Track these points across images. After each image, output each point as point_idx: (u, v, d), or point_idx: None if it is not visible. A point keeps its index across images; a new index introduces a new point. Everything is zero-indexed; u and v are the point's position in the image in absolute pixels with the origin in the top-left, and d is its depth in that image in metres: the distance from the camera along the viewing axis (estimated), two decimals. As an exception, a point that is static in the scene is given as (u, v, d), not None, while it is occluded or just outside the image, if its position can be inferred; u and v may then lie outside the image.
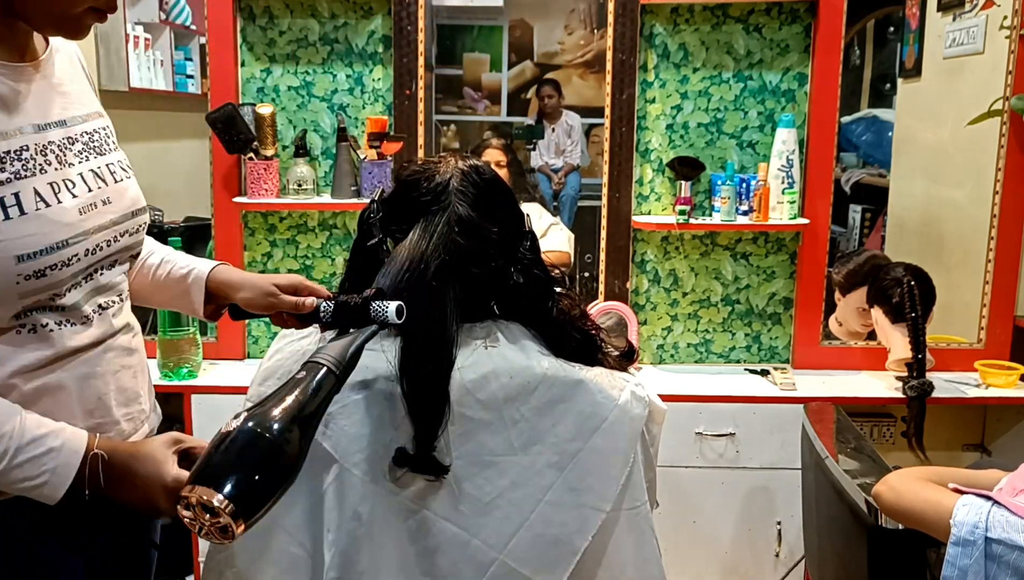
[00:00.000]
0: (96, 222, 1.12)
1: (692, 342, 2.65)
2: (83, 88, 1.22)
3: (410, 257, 1.11)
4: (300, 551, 1.13)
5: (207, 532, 0.89)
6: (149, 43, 3.11)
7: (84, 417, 1.14)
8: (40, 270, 1.04)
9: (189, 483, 0.89)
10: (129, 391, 1.22)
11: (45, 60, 1.14)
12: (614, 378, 1.18)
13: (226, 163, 2.46)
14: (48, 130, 1.10)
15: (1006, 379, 2.42)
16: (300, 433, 0.93)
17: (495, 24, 2.61)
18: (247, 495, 0.88)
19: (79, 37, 1.11)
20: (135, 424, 1.24)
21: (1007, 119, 2.44)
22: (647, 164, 2.54)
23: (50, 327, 1.09)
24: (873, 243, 3.17)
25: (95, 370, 1.16)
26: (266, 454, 0.90)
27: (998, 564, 1.19)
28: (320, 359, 1.00)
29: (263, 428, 0.91)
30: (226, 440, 0.90)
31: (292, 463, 0.93)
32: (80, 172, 1.12)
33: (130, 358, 1.23)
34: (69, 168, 1.11)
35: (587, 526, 1.11)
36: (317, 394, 0.97)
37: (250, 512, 0.89)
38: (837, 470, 1.71)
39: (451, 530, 1.09)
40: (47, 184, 1.06)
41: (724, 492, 2.39)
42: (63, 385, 1.12)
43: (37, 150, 1.07)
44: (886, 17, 3.28)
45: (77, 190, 1.10)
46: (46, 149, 1.08)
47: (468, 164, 1.17)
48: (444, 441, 1.08)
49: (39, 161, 1.07)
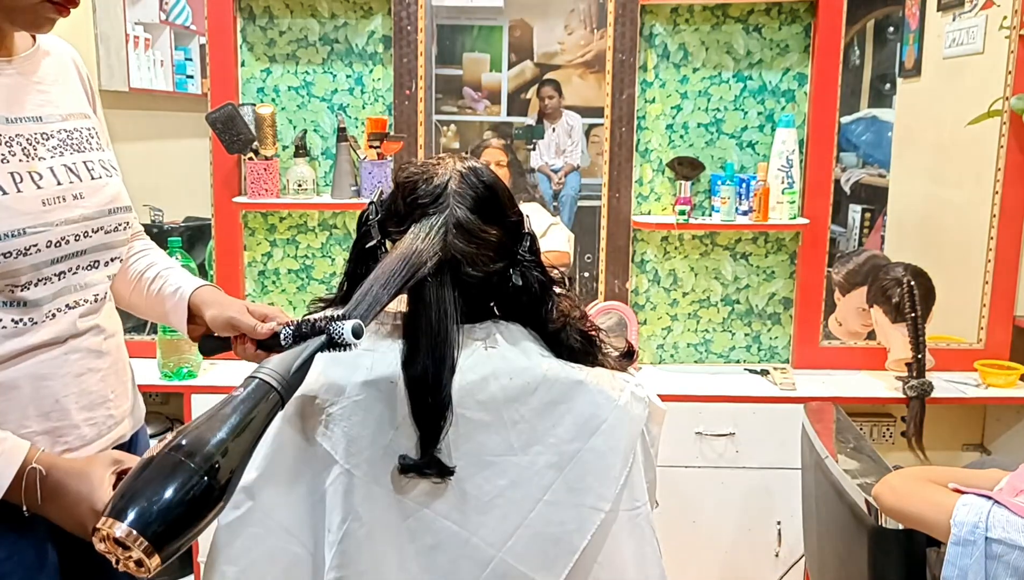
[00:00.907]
0: (63, 215, 1.12)
1: (692, 342, 2.65)
2: (70, 90, 1.23)
3: (407, 259, 1.11)
4: (301, 550, 1.13)
5: (123, 565, 0.82)
6: (149, 43, 3.10)
7: (39, 419, 1.13)
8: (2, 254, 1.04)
9: (103, 514, 0.82)
10: (94, 395, 1.20)
11: (26, 57, 1.15)
12: (614, 379, 1.18)
13: (226, 163, 2.46)
14: (17, 124, 1.11)
15: (1006, 379, 2.42)
16: (231, 458, 0.86)
17: (495, 24, 2.61)
18: (161, 528, 0.81)
19: (41, 30, 1.12)
20: (99, 429, 1.21)
21: (1007, 119, 2.44)
22: (647, 164, 2.54)
23: (3, 324, 1.08)
24: (873, 243, 3.17)
25: (54, 371, 1.14)
26: (184, 483, 0.82)
27: (998, 564, 1.19)
28: (261, 374, 0.93)
29: (187, 455, 0.83)
30: (147, 468, 0.84)
31: (217, 493, 0.85)
32: (51, 166, 1.13)
33: (98, 361, 1.20)
34: (38, 161, 1.11)
35: (586, 525, 1.12)
36: (251, 412, 0.89)
37: (163, 545, 0.81)
38: (837, 470, 1.71)
39: (450, 528, 1.10)
40: (8, 173, 1.07)
41: (724, 492, 2.39)
42: (16, 384, 1.10)
43: (2, 140, 1.08)
44: (886, 17, 3.28)
45: (43, 182, 1.11)
46: (12, 141, 1.09)
47: (467, 166, 1.16)
48: (445, 442, 1.09)
49: (2, 151, 1.08)
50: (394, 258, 1.10)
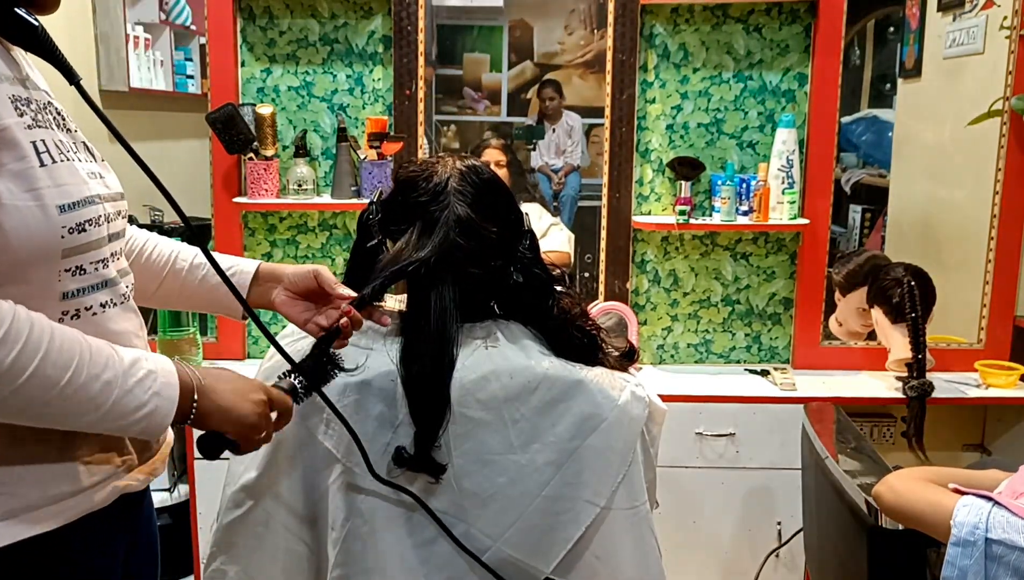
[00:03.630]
0: (101, 191, 1.02)
1: (692, 342, 2.65)
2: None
3: (408, 258, 1.11)
4: (302, 548, 1.13)
5: None
6: (149, 43, 3.10)
7: None
8: (80, 224, 0.95)
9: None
10: None
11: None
12: (614, 378, 1.18)
13: (226, 163, 2.46)
14: (37, 91, 1.01)
15: (1006, 379, 2.42)
16: None
17: (495, 24, 2.61)
18: None
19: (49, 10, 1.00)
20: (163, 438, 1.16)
21: (1007, 119, 2.44)
22: (647, 164, 2.54)
23: (94, 310, 0.99)
24: (873, 243, 3.17)
25: None
26: None
27: (998, 565, 1.18)
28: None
29: None
30: None
31: None
32: (76, 140, 1.04)
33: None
34: (68, 133, 1.02)
35: (580, 517, 1.12)
36: None
37: None
38: (837, 470, 1.71)
39: (449, 521, 1.10)
40: (55, 141, 0.97)
41: (724, 492, 2.39)
42: None
43: (40, 106, 0.99)
44: (886, 17, 3.28)
45: (81, 156, 1.02)
46: (45, 108, 1.00)
47: (466, 164, 1.17)
48: (444, 440, 1.09)
49: (46, 117, 0.99)
50: (399, 260, 1.10)
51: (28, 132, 0.92)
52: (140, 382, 0.92)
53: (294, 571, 1.13)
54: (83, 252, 0.96)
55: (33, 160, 0.91)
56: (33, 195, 0.90)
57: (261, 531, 1.13)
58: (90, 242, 0.97)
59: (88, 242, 0.97)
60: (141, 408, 0.91)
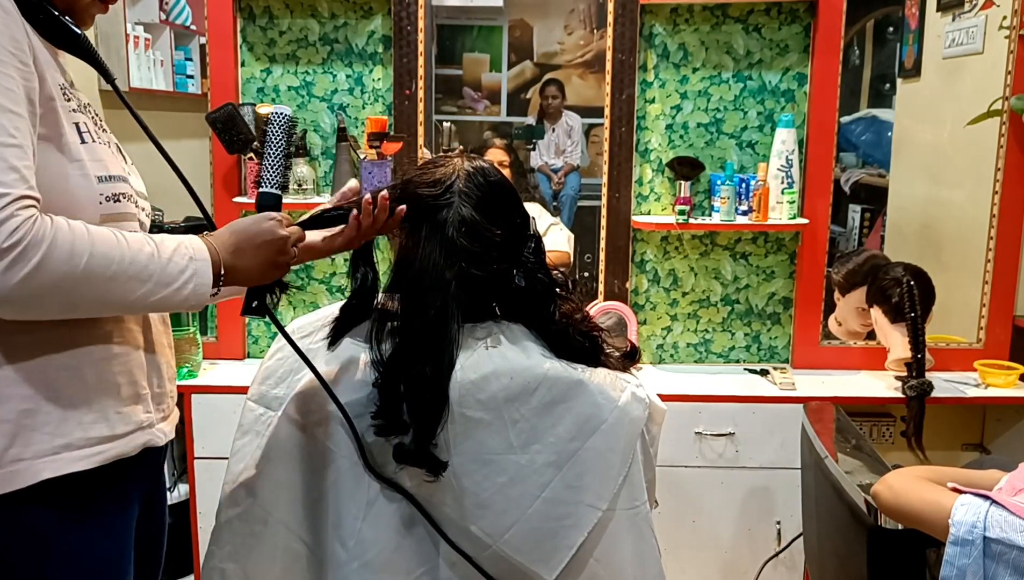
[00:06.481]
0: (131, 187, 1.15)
1: (692, 342, 2.65)
2: None
3: (410, 257, 1.11)
4: (301, 547, 1.13)
5: None
6: (149, 43, 3.10)
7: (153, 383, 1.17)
8: (115, 194, 1.08)
9: None
10: (171, 369, 1.25)
11: None
12: (615, 379, 1.19)
13: (226, 163, 2.46)
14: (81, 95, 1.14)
15: (1005, 379, 2.43)
16: None
17: (495, 24, 2.61)
18: None
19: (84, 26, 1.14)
20: (173, 402, 1.25)
21: (1006, 119, 2.44)
22: (647, 164, 2.54)
23: None
24: (872, 243, 3.17)
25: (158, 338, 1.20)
26: None
27: (997, 563, 1.19)
28: None
29: None
30: None
31: None
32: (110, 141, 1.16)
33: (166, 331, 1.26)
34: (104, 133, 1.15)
35: (583, 522, 1.12)
36: None
37: None
38: (837, 470, 1.71)
39: (450, 517, 1.10)
40: (94, 130, 1.10)
41: (724, 492, 2.39)
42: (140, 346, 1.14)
43: (81, 105, 1.11)
44: (885, 17, 3.28)
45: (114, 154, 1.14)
46: (85, 108, 1.12)
47: (474, 165, 1.16)
48: (444, 439, 1.09)
49: (87, 113, 1.11)
50: (402, 259, 1.11)
51: (72, 114, 1.06)
52: (176, 250, 1.03)
53: (293, 569, 1.13)
54: (118, 221, 1.08)
55: (75, 136, 1.05)
56: (77, 165, 1.04)
57: (260, 529, 1.13)
58: (124, 213, 1.10)
59: (122, 213, 1.09)
60: (184, 271, 1.02)
